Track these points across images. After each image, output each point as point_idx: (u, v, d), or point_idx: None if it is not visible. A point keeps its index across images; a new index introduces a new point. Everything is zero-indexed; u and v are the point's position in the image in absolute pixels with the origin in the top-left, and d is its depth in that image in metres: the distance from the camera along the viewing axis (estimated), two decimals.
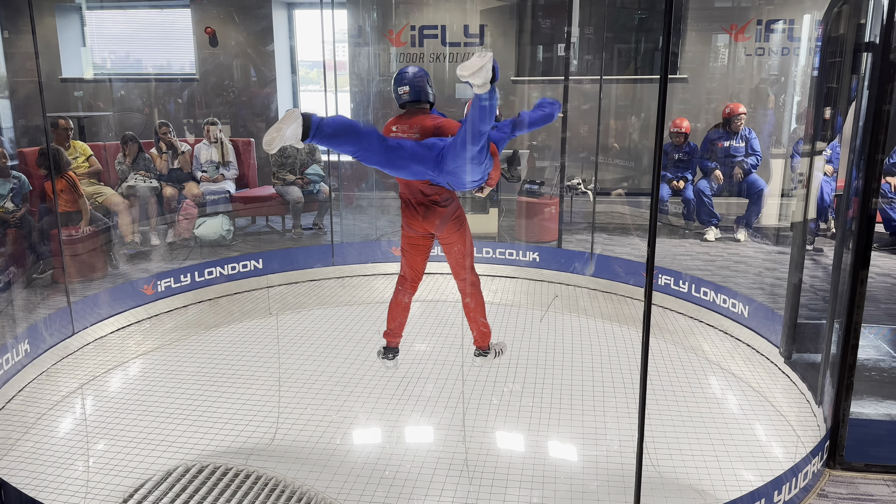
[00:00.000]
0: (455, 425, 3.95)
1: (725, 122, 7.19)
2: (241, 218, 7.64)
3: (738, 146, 7.14)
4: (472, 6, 8.35)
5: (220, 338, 5.19)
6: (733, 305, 5.14)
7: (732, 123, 7.13)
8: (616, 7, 8.32)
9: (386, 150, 3.25)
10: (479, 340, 4.02)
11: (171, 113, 8.64)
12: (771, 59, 8.11)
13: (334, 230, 7.04)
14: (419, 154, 3.31)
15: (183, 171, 7.32)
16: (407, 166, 3.32)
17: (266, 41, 8.83)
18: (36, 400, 4.19)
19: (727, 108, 7.21)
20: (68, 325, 4.85)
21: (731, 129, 7.15)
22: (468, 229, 3.75)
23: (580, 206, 7.54)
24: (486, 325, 3.98)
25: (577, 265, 6.20)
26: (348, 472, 3.50)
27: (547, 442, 3.83)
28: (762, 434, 3.90)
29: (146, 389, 4.39)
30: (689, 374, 4.55)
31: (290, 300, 5.97)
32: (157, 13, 9.19)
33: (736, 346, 4.92)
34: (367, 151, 3.19)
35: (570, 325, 5.38)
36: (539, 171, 7.77)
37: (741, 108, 7.14)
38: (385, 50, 8.59)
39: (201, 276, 5.92)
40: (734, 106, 7.17)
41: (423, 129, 3.47)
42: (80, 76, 8.95)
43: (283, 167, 7.46)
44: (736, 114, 7.11)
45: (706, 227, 7.14)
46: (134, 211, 6.81)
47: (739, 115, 7.10)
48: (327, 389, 4.35)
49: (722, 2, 8.32)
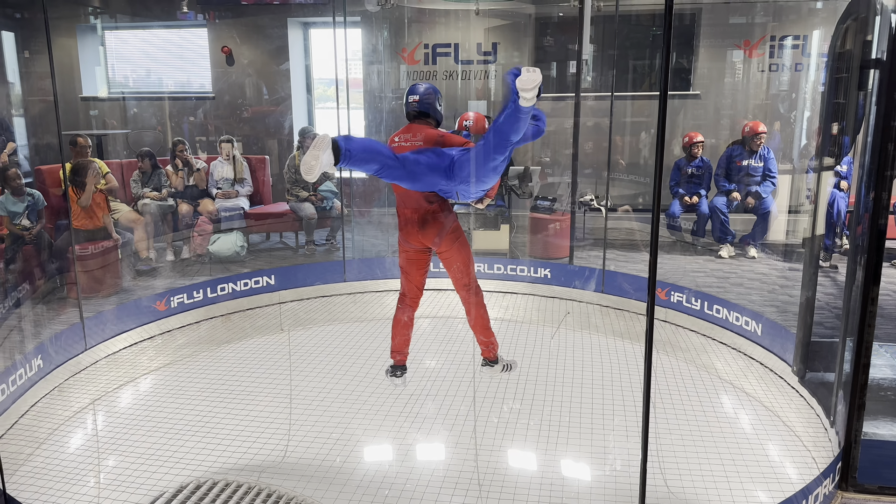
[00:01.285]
0: (463, 443, 3.93)
1: (745, 140, 7.13)
2: (255, 234, 7.69)
3: (757, 166, 7.07)
4: (484, 24, 8.41)
5: (232, 354, 5.22)
6: (746, 323, 5.09)
7: (752, 142, 7.05)
8: (630, 24, 8.34)
9: (404, 163, 3.32)
10: (486, 352, 4.03)
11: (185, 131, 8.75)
12: (784, 75, 8.07)
13: (346, 246, 7.07)
14: (434, 164, 3.38)
15: (198, 187, 7.40)
16: (424, 177, 3.39)
17: (281, 60, 8.93)
18: (48, 415, 4.23)
19: (747, 126, 7.13)
20: (81, 340, 4.90)
21: (751, 148, 7.08)
22: (466, 242, 3.77)
23: (591, 223, 7.52)
24: (493, 342, 3.98)
25: (577, 282, 6.18)
26: (357, 489, 3.50)
27: (559, 461, 3.80)
28: (774, 454, 3.84)
29: (158, 405, 4.42)
30: (701, 393, 4.51)
31: (302, 316, 5.99)
32: (175, 33, 9.33)
33: (748, 365, 4.87)
34: (389, 168, 3.29)
35: (581, 342, 5.35)
36: (550, 187, 7.77)
37: (761, 127, 7.06)
38: (397, 68, 8.66)
39: (214, 292, 5.96)
40: (754, 124, 7.10)
41: (426, 138, 3.54)
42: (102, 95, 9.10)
43: (297, 184, 7.52)
44: (756, 132, 7.03)
45: (721, 244, 7.09)
46: (149, 227, 6.88)
47: (760, 134, 7.02)
48: (337, 405, 4.35)
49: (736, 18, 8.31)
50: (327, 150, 3.01)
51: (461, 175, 3.38)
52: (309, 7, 8.67)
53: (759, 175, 7.07)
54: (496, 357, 4.05)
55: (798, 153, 7.60)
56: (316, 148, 3.00)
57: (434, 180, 3.42)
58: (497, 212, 7.04)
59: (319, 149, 3.00)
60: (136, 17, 8.99)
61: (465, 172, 3.36)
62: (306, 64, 9.36)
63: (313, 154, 3.00)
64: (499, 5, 8.38)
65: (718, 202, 7.07)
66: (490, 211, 6.99)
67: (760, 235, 7.02)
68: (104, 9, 8.88)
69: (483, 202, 3.72)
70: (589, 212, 7.46)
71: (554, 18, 8.56)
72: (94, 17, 8.85)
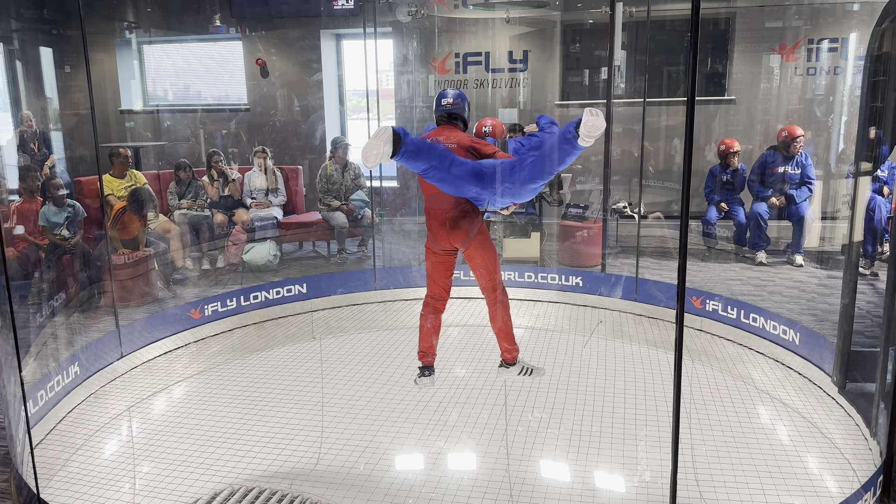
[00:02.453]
0: (492, 452, 3.90)
1: (783, 145, 6.94)
2: (288, 243, 7.77)
3: (794, 173, 6.87)
4: (514, 32, 8.40)
5: (264, 361, 5.26)
6: (783, 332, 4.97)
7: (790, 147, 6.85)
8: (664, 29, 8.25)
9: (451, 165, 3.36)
10: (506, 354, 4.03)
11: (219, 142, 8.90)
12: (821, 79, 7.90)
13: (376, 255, 7.10)
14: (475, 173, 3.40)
15: (233, 198, 7.51)
16: (464, 184, 3.42)
17: (314, 71, 9.04)
18: (84, 422, 4.30)
19: (784, 130, 6.92)
20: (117, 348, 4.98)
21: (789, 154, 6.90)
22: (493, 246, 3.78)
23: (623, 230, 7.43)
24: (515, 348, 3.98)
25: (607, 289, 6.11)
26: (386, 497, 3.49)
27: (591, 471, 3.74)
28: (813, 466, 3.74)
29: (191, 412, 4.47)
30: (737, 403, 4.41)
31: (333, 324, 6.02)
32: (209, 46, 9.50)
33: (787, 375, 4.75)
34: (435, 170, 3.33)
35: (614, 351, 5.28)
36: (581, 194, 7.71)
37: (799, 132, 6.84)
38: (427, 77, 8.70)
39: (247, 300, 6.03)
40: (791, 129, 6.89)
41: (460, 142, 3.62)
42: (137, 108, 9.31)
43: (329, 193, 7.57)
44: (794, 137, 6.82)
45: (756, 250, 6.94)
46: (184, 237, 7.00)
47: (797, 138, 6.82)
48: (366, 413, 4.36)
49: (771, 22, 8.17)
50: (388, 142, 3.04)
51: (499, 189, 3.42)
52: (341, 19, 8.76)
53: (795, 182, 6.90)
54: (515, 360, 4.05)
55: (835, 158, 7.41)
56: (377, 138, 3.05)
57: (471, 188, 3.46)
58: (527, 220, 7.00)
59: (380, 139, 3.04)
60: (170, 31, 9.18)
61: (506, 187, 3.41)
62: (339, 75, 9.46)
63: (374, 143, 3.04)
64: (529, 13, 8.36)
65: (760, 209, 6.90)
66: (520, 219, 6.96)
67: (801, 242, 6.84)
68: (140, 24, 9.09)
69: (509, 209, 3.75)
70: (621, 219, 7.38)
71: (585, 25, 8.52)
72: (129, 32, 9.06)
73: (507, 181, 3.38)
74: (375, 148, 3.03)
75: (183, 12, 8.74)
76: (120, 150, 6.88)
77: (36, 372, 4.28)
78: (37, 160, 6.80)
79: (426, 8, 8.30)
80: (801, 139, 6.83)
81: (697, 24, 1.93)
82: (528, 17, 8.40)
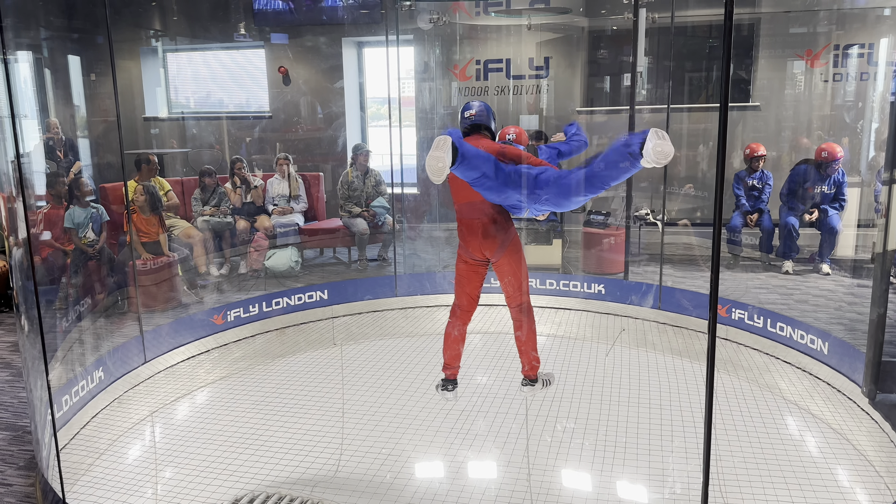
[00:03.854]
0: (515, 461, 3.86)
1: (823, 165, 6.70)
2: (309, 250, 7.79)
3: (829, 193, 6.72)
4: (536, 38, 8.38)
5: (286, 367, 5.27)
6: (812, 341, 4.89)
7: (828, 168, 6.66)
8: (686, 35, 8.19)
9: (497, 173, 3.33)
10: (529, 371, 3.97)
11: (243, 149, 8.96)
12: (849, 85, 7.79)
13: (397, 261, 7.10)
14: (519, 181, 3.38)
15: (255, 204, 7.55)
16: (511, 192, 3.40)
17: (336, 79, 9.08)
18: (108, 426, 4.33)
19: (823, 150, 6.68)
20: (140, 353, 5.01)
21: (826, 173, 6.74)
22: (524, 258, 3.74)
23: (647, 237, 7.36)
24: (536, 359, 3.93)
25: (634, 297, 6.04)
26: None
27: (615, 482, 3.70)
28: (843, 479, 3.66)
29: (213, 418, 4.48)
30: (765, 414, 4.33)
31: (354, 330, 6.02)
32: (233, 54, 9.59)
33: (815, 385, 4.67)
34: (486, 178, 3.29)
35: (637, 359, 5.22)
36: (604, 201, 7.65)
37: (839, 153, 6.60)
38: (449, 84, 8.70)
39: (269, 306, 6.04)
40: (832, 150, 6.62)
41: (488, 148, 3.56)
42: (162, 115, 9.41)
43: (350, 200, 7.59)
44: (835, 159, 6.59)
45: (784, 259, 6.83)
46: (207, 243, 7.04)
47: (838, 160, 6.59)
48: (388, 420, 4.34)
49: (796, 28, 8.08)
50: (449, 152, 3.02)
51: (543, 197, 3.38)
52: (363, 26, 8.80)
53: (828, 201, 6.76)
54: (537, 377, 3.99)
55: (866, 165, 7.29)
56: (439, 149, 3.01)
57: (515, 195, 3.43)
58: (549, 226, 6.96)
59: (442, 150, 3.01)
60: (195, 39, 9.28)
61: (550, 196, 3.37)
62: (360, 82, 9.49)
63: (436, 157, 3.00)
64: (551, 19, 8.34)
65: (792, 220, 6.77)
66: (542, 226, 6.92)
67: (828, 252, 6.73)
68: (165, 32, 9.19)
69: (546, 214, 3.72)
70: (645, 226, 7.31)
71: (607, 31, 8.48)
72: (155, 41, 9.17)
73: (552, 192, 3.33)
74: (440, 161, 2.99)
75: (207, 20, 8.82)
76: (150, 157, 6.95)
77: (62, 376, 4.31)
78: (63, 167, 6.88)
79: (448, 15, 8.31)
80: (840, 160, 6.64)
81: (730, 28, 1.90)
82: (549, 23, 8.38)
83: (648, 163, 2.93)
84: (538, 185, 3.35)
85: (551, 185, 3.32)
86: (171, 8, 8.86)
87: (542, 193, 3.35)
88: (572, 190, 3.27)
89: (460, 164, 3.11)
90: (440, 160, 2.99)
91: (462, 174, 3.26)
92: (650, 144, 2.88)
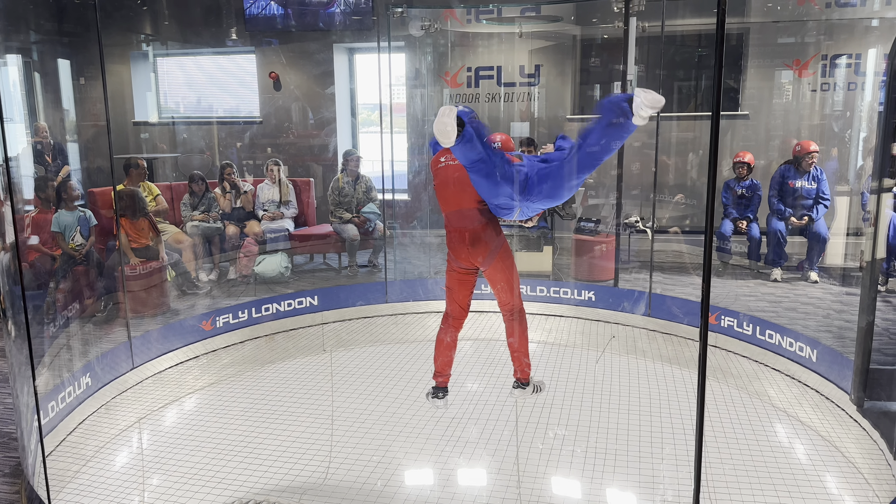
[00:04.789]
0: (506, 469, 3.85)
1: (796, 160, 6.91)
2: (299, 255, 7.77)
3: (810, 188, 6.83)
4: (527, 46, 8.42)
5: (275, 374, 5.24)
6: (800, 349, 4.91)
7: (803, 162, 6.82)
8: (676, 44, 8.25)
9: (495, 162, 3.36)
10: (521, 374, 3.97)
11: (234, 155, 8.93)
12: (836, 95, 7.86)
13: (388, 267, 7.08)
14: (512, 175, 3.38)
15: (245, 209, 7.52)
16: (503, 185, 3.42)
17: (327, 84, 9.07)
18: (95, 433, 4.29)
19: (798, 145, 6.90)
20: (128, 359, 4.97)
21: (802, 168, 6.86)
22: (514, 264, 3.74)
23: (637, 245, 7.39)
24: (528, 364, 3.93)
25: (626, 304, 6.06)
26: None
27: (604, 489, 3.69)
28: (832, 487, 3.67)
29: (202, 424, 4.45)
30: (754, 421, 4.34)
31: (344, 337, 6.00)
32: (224, 59, 9.57)
33: (803, 392, 4.69)
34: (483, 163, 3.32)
35: (627, 367, 5.23)
36: (594, 208, 7.68)
37: (813, 146, 6.81)
38: (440, 91, 8.71)
39: (258, 312, 6.01)
40: (805, 144, 6.86)
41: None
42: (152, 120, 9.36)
43: (340, 206, 7.58)
44: (807, 152, 6.79)
45: (773, 266, 6.88)
46: (196, 249, 7.01)
47: (811, 153, 6.79)
48: (378, 427, 4.32)
49: (784, 38, 8.15)
50: (454, 119, 3.09)
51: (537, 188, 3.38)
52: (354, 33, 8.80)
53: (811, 197, 6.85)
54: (528, 380, 4.00)
55: (854, 174, 7.36)
56: (445, 116, 3.10)
57: (507, 191, 3.43)
58: (540, 233, 6.98)
59: (447, 116, 3.10)
60: (186, 44, 9.25)
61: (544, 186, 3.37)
62: (351, 88, 9.49)
63: (444, 122, 3.10)
64: (542, 27, 8.38)
65: (779, 226, 6.84)
66: (533, 232, 6.93)
67: (816, 259, 6.79)
68: (156, 36, 9.16)
69: (533, 220, 3.72)
70: (635, 234, 7.34)
71: (598, 40, 8.52)
72: (146, 45, 9.13)
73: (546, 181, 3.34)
74: (446, 125, 3.09)
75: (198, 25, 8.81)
76: (138, 161, 6.91)
77: (49, 382, 4.27)
78: (51, 171, 6.83)
79: (439, 22, 8.34)
80: (814, 154, 6.79)
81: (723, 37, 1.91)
82: (540, 31, 8.42)
83: (640, 118, 2.97)
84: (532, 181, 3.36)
85: (545, 176, 3.33)
86: (162, 12, 8.84)
87: (535, 188, 3.35)
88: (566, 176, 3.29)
89: (464, 138, 3.15)
90: (448, 125, 3.09)
91: (463, 153, 3.26)
92: (639, 99, 2.94)
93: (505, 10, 8.21)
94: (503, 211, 3.59)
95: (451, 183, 3.66)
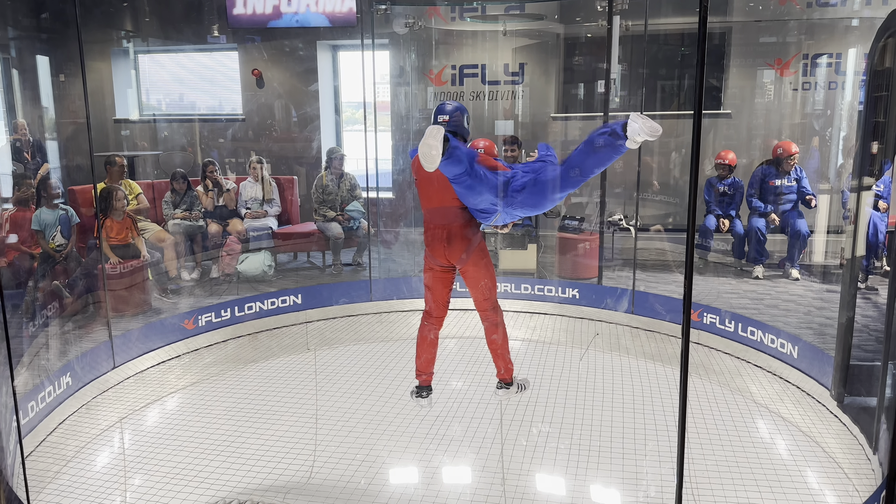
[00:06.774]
0: (490, 466, 3.86)
1: (777, 161, 6.97)
2: (283, 254, 7.72)
3: (790, 185, 6.91)
4: (511, 44, 8.42)
5: (258, 373, 5.21)
6: (782, 345, 4.96)
7: (784, 163, 6.88)
8: (659, 43, 8.29)
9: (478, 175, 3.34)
10: (503, 374, 3.98)
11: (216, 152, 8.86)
12: (817, 94, 7.94)
13: (372, 266, 7.07)
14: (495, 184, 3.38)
15: (227, 208, 7.47)
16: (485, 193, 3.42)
17: (310, 82, 9.03)
18: (75, 433, 4.24)
19: (779, 147, 6.95)
20: (109, 358, 4.92)
21: (783, 170, 6.92)
22: (491, 263, 3.74)
23: (621, 243, 7.42)
24: (509, 361, 3.93)
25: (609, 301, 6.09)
26: None
27: (588, 486, 3.71)
28: (813, 482, 3.71)
29: (184, 424, 4.41)
30: (736, 417, 4.38)
31: (328, 336, 5.98)
32: (206, 56, 9.49)
33: (785, 388, 4.73)
34: (467, 176, 3.29)
35: (610, 364, 5.25)
36: (578, 206, 7.70)
37: (794, 148, 6.85)
38: (424, 89, 8.70)
39: (241, 310, 5.98)
40: (786, 145, 6.90)
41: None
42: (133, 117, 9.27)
43: (324, 204, 7.54)
44: (789, 154, 6.82)
45: (755, 264, 6.94)
46: (178, 247, 6.94)
47: (792, 155, 6.83)
48: (362, 426, 4.31)
49: (766, 37, 8.22)
50: (441, 142, 3.03)
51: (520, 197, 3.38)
52: (338, 30, 8.76)
53: (792, 194, 6.91)
54: (512, 380, 4.00)
55: (834, 172, 7.43)
56: (432, 138, 3.03)
57: (490, 198, 3.43)
58: (524, 231, 6.99)
59: (435, 139, 3.03)
60: (167, 40, 9.16)
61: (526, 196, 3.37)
62: (335, 85, 9.45)
63: (429, 144, 3.02)
64: (526, 26, 8.39)
65: (758, 223, 6.90)
66: (517, 230, 6.94)
67: (797, 255, 6.85)
68: (137, 33, 9.07)
69: (508, 226, 3.73)
70: (618, 231, 7.37)
71: (581, 38, 8.54)
72: (126, 41, 9.04)
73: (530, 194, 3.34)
74: (433, 149, 3.02)
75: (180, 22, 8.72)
76: (116, 158, 6.83)
77: (28, 382, 4.22)
78: (30, 169, 6.74)
79: (423, 20, 8.32)
80: (795, 156, 6.85)
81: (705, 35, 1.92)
82: (524, 29, 8.42)
83: (635, 143, 3.00)
84: (515, 187, 3.36)
85: (528, 186, 3.34)
86: (143, 9, 8.75)
87: (517, 196, 3.36)
88: (552, 189, 3.29)
89: (449, 157, 3.11)
90: (433, 148, 3.01)
91: (447, 168, 3.25)
92: (636, 125, 2.96)
93: (489, 8, 8.20)
94: (484, 215, 3.59)
95: (434, 179, 3.65)
